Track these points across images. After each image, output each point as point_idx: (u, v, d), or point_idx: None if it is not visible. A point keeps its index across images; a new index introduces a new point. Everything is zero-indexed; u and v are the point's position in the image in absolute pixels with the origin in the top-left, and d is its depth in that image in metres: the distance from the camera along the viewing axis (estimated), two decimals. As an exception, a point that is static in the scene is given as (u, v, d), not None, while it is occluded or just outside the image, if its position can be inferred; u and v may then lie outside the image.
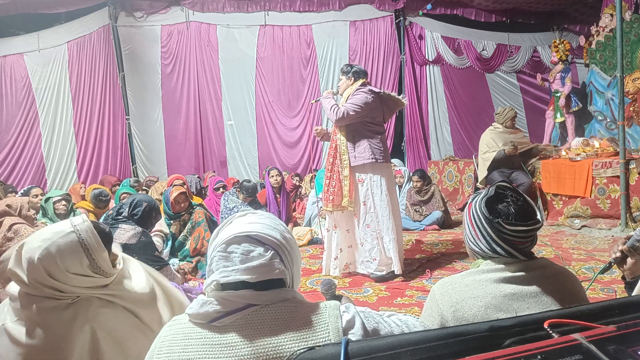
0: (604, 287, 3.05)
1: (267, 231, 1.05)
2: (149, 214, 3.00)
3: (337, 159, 3.48)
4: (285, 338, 0.95)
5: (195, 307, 1.00)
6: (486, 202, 1.30)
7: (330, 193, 3.47)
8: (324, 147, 8.87)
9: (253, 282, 1.01)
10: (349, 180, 3.44)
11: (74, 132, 8.26)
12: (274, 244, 1.04)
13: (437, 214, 5.58)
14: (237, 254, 1.02)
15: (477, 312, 1.20)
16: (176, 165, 8.60)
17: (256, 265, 1.00)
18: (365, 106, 3.41)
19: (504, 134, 5.56)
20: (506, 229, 1.25)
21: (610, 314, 0.80)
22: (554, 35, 9.57)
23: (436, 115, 9.35)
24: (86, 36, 8.23)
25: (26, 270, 1.33)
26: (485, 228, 1.29)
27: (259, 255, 1.01)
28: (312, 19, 8.91)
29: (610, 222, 4.82)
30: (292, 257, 1.08)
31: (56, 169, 8.18)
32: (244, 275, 0.99)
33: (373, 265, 3.45)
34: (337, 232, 3.58)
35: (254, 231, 1.04)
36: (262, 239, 1.03)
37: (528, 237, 1.28)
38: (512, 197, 1.29)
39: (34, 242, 1.37)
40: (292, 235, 1.14)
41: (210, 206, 5.34)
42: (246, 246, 1.02)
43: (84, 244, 1.38)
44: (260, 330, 0.96)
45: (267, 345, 0.94)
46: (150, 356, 1.02)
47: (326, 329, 0.97)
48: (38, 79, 8.11)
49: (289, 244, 1.08)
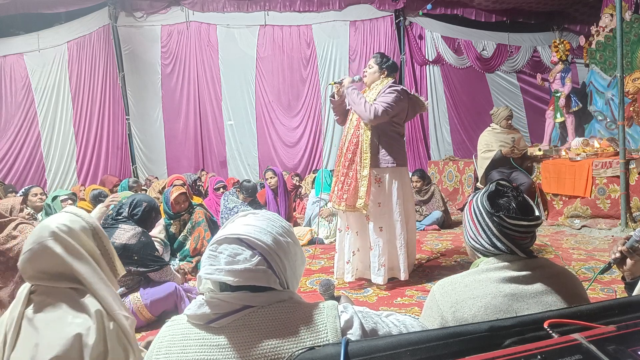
0: (604, 287, 3.05)
1: (259, 235, 1.03)
2: (149, 214, 2.99)
3: (358, 156, 3.21)
4: (283, 339, 0.94)
5: (193, 308, 1.01)
6: (488, 197, 1.31)
7: (345, 192, 3.22)
8: (324, 147, 8.87)
9: (249, 285, 1.00)
10: (367, 181, 3.19)
11: (74, 132, 8.28)
12: (263, 250, 1.02)
13: (437, 213, 5.58)
14: (224, 254, 1.01)
15: (477, 313, 1.20)
16: (176, 165, 8.61)
17: (240, 269, 0.99)
18: (397, 106, 3.20)
19: (501, 134, 5.57)
20: (507, 223, 1.26)
21: (610, 314, 0.80)
22: (554, 35, 9.58)
23: (436, 115, 9.35)
24: (86, 36, 8.24)
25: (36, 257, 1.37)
26: (487, 222, 1.30)
27: (244, 260, 1.00)
28: (312, 19, 8.91)
29: (610, 222, 4.82)
30: (285, 263, 1.05)
31: (56, 169, 8.19)
32: (227, 276, 0.99)
33: (381, 272, 3.23)
34: (350, 234, 3.36)
35: (244, 234, 1.03)
36: (251, 243, 1.02)
37: (529, 233, 1.29)
38: (512, 193, 1.31)
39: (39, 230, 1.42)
40: (293, 237, 1.11)
41: (210, 206, 5.34)
42: (235, 248, 1.02)
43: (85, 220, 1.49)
44: (258, 331, 0.96)
45: (265, 347, 0.93)
46: (149, 356, 1.03)
47: (324, 329, 0.96)
48: (38, 79, 8.13)
49: (282, 248, 1.05)
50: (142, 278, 2.83)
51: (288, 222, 1.16)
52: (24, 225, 2.99)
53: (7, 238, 2.91)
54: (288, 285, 1.07)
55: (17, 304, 1.40)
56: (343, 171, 3.26)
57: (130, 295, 2.75)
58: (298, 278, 1.14)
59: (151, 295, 2.76)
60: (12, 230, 2.93)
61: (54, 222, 1.43)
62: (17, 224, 2.97)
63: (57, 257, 1.38)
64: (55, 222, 1.43)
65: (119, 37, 8.41)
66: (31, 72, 8.09)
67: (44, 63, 8.13)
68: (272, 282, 1.02)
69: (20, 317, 1.37)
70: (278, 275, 1.03)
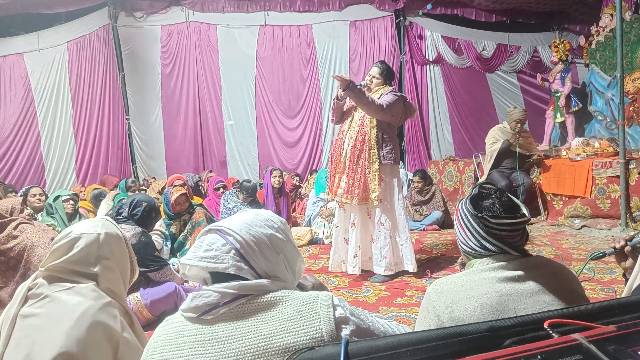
0: (604, 287, 3.05)
1: (235, 227, 1.07)
2: (149, 214, 3.00)
3: (365, 152, 3.41)
4: (276, 328, 0.95)
5: (187, 302, 1.03)
6: (471, 200, 1.34)
7: (356, 187, 3.39)
8: (324, 147, 8.87)
9: (242, 275, 1.04)
10: (377, 176, 3.40)
11: (74, 132, 8.27)
12: (235, 239, 1.05)
13: (437, 214, 5.58)
14: (205, 243, 1.08)
15: (473, 313, 1.20)
16: (176, 165, 8.61)
17: (210, 255, 1.04)
18: (397, 107, 3.44)
19: (510, 133, 5.54)
20: (492, 223, 1.27)
21: (610, 314, 0.80)
22: (554, 35, 9.58)
23: (437, 115, 9.35)
24: (86, 36, 8.23)
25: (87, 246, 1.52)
26: (473, 225, 1.31)
27: (217, 248, 1.05)
28: (312, 19, 8.91)
29: (610, 222, 4.82)
30: (260, 254, 1.06)
31: (55, 169, 8.18)
32: (200, 262, 1.05)
33: (383, 263, 3.44)
34: (356, 230, 3.51)
35: (223, 226, 1.09)
36: (225, 233, 1.07)
37: (516, 231, 1.29)
38: (495, 195, 1.33)
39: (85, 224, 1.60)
40: (281, 232, 1.12)
41: (210, 206, 5.34)
42: (213, 238, 1.08)
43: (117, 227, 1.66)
44: (251, 321, 0.97)
45: (258, 337, 0.94)
46: (145, 357, 1.03)
47: (317, 318, 0.96)
48: (38, 79, 8.12)
49: (260, 240, 1.07)
50: (142, 278, 2.83)
51: (281, 218, 1.17)
52: (25, 225, 2.99)
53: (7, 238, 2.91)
54: (269, 278, 1.07)
55: (14, 302, 1.41)
56: (353, 167, 3.44)
57: (131, 295, 2.75)
58: (295, 272, 1.14)
59: (151, 295, 2.76)
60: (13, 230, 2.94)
61: (103, 223, 1.62)
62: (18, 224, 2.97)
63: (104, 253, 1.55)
64: (103, 223, 1.62)
65: (119, 37, 8.41)
66: (31, 72, 8.08)
67: (43, 63, 8.12)
68: (243, 273, 1.04)
69: (15, 316, 1.38)
70: (252, 266, 1.05)
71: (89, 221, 1.63)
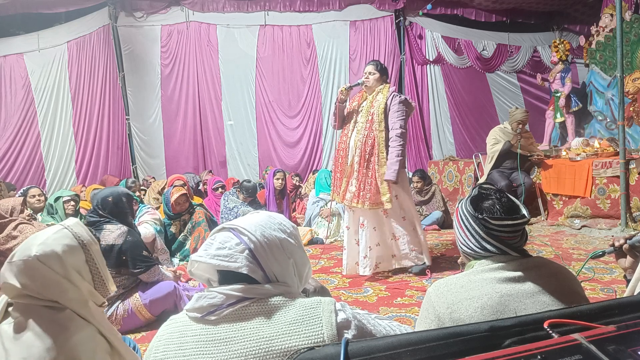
0: (604, 287, 3.05)
1: (249, 227, 1.07)
2: (119, 204, 2.83)
3: (375, 155, 3.40)
4: (278, 332, 0.95)
5: (192, 302, 1.03)
6: (471, 201, 1.33)
7: (367, 191, 3.39)
8: (324, 147, 8.88)
9: (247, 276, 1.03)
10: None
11: (74, 132, 8.27)
12: (249, 240, 1.05)
13: (437, 214, 5.58)
14: (217, 241, 1.07)
15: (474, 313, 1.20)
16: (176, 165, 8.61)
17: (224, 253, 1.04)
18: (406, 117, 3.50)
19: (511, 133, 5.53)
20: (492, 225, 1.27)
21: (610, 314, 0.80)
22: (554, 35, 9.58)
23: (437, 115, 9.35)
24: (86, 36, 8.23)
25: (21, 273, 1.29)
26: (473, 226, 1.31)
27: (230, 247, 1.05)
28: (312, 19, 8.91)
29: (610, 222, 4.82)
30: (272, 257, 1.06)
31: (55, 169, 8.18)
32: (212, 260, 1.04)
33: (412, 255, 3.52)
34: (365, 230, 3.51)
35: (237, 225, 1.08)
36: (240, 233, 1.06)
37: (516, 232, 1.29)
38: (495, 196, 1.32)
39: (26, 245, 1.35)
40: (293, 237, 1.12)
41: (210, 206, 5.34)
42: (227, 236, 1.07)
43: (77, 237, 1.41)
44: (253, 324, 0.97)
45: (259, 339, 0.95)
46: (148, 356, 1.04)
47: (319, 322, 0.97)
48: (38, 79, 8.11)
49: (272, 243, 1.06)
50: (138, 279, 2.82)
51: (292, 223, 1.17)
52: (24, 226, 2.99)
53: (7, 238, 2.91)
54: (278, 281, 1.07)
55: None
56: (363, 171, 3.44)
57: (130, 295, 2.75)
58: (302, 277, 1.14)
59: (150, 295, 2.75)
60: (12, 231, 2.94)
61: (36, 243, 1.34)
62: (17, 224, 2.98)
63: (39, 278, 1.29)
64: (38, 242, 1.34)
65: (119, 37, 8.41)
66: (31, 72, 8.08)
67: (43, 63, 8.12)
68: (255, 274, 1.04)
69: None
70: (263, 268, 1.05)
71: (35, 237, 1.38)
